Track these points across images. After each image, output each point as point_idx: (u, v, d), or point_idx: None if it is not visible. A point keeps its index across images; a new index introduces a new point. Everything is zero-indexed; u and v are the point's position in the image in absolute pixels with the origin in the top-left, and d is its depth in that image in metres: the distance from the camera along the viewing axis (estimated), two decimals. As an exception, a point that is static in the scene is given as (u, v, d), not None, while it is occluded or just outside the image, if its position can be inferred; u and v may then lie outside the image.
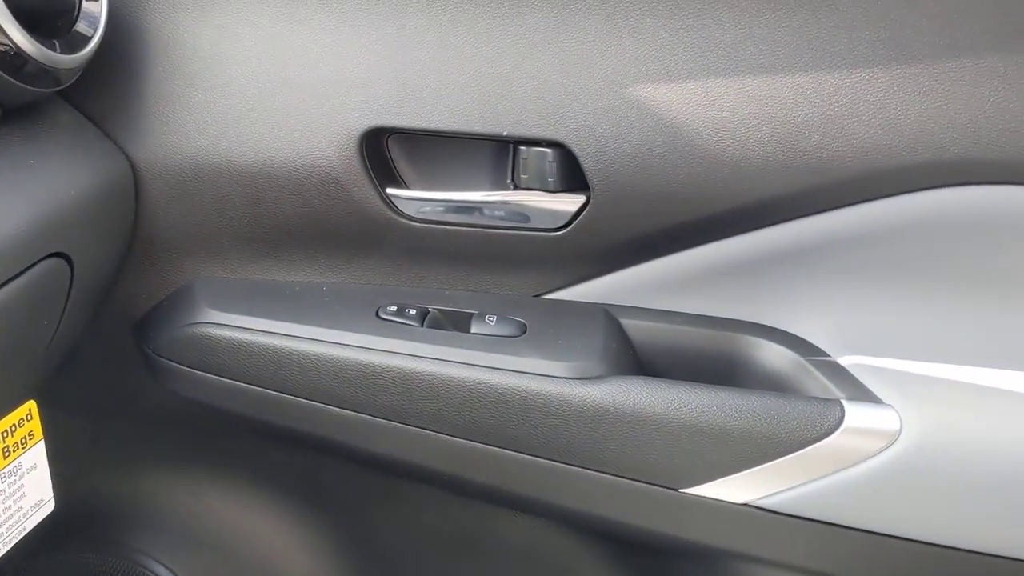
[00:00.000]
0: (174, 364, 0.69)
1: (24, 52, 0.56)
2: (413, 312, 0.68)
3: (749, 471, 0.61)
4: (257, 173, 0.67)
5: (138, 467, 0.88)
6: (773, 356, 0.66)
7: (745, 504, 0.62)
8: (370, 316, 0.68)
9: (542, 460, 0.65)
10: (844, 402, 0.60)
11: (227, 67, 0.66)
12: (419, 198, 0.69)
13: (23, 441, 0.53)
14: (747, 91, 0.62)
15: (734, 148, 0.63)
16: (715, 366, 0.68)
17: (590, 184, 0.65)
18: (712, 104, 0.62)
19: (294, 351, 0.66)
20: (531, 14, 0.64)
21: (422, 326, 0.67)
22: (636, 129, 0.63)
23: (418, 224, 0.68)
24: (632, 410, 0.62)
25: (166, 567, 0.89)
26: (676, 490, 0.63)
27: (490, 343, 0.66)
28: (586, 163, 0.64)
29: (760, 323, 0.69)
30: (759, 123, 0.62)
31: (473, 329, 0.67)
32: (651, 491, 0.63)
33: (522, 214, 0.68)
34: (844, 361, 0.65)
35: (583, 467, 0.64)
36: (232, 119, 0.66)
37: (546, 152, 0.66)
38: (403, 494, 0.82)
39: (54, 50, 0.58)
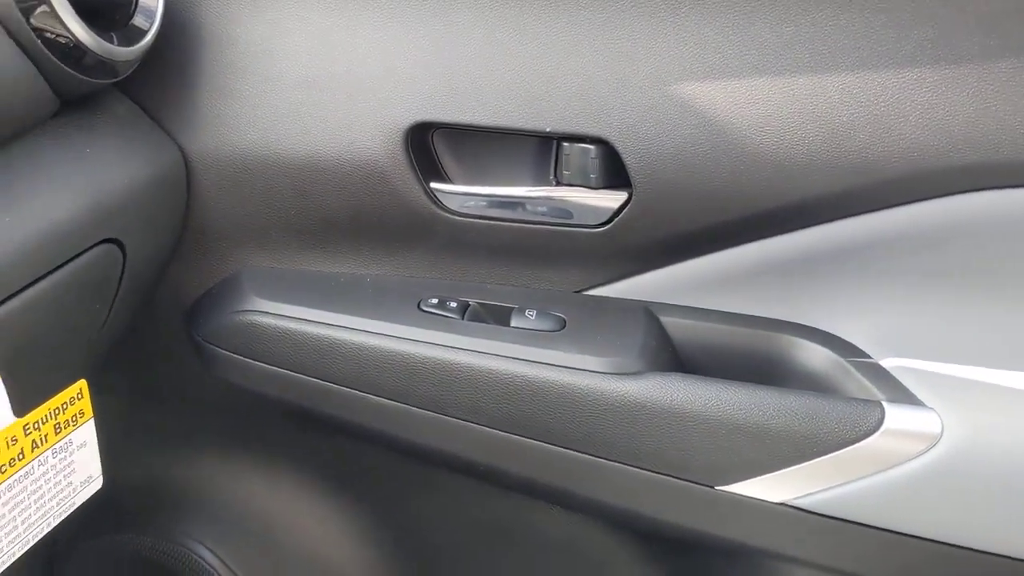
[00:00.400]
0: (221, 351, 0.71)
1: (83, 44, 0.57)
2: (454, 305, 0.69)
3: (787, 470, 0.61)
4: (305, 166, 0.68)
5: (185, 452, 0.90)
6: (813, 356, 0.66)
7: (782, 503, 0.62)
8: (412, 308, 0.69)
9: (579, 454, 0.65)
10: (884, 404, 0.60)
11: (278, 61, 0.67)
12: (462, 192, 0.69)
13: (74, 419, 0.54)
14: (792, 90, 0.62)
15: (778, 147, 0.62)
16: (755, 365, 0.67)
17: (632, 181, 0.65)
18: (756, 103, 0.62)
19: (337, 340, 0.67)
20: (577, 12, 0.65)
21: (463, 319, 0.68)
22: (679, 127, 0.63)
23: (461, 218, 0.69)
24: (669, 406, 0.62)
25: (211, 551, 0.90)
26: (712, 487, 0.63)
27: (529, 337, 0.66)
28: (629, 160, 0.64)
29: (801, 323, 0.68)
30: (804, 122, 0.62)
31: (513, 323, 0.68)
32: (687, 488, 0.63)
33: (564, 210, 0.68)
34: (886, 363, 0.64)
35: (619, 462, 0.64)
36: (281, 112, 0.67)
37: (589, 148, 0.66)
38: (442, 485, 0.82)
39: (112, 43, 0.60)
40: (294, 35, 0.68)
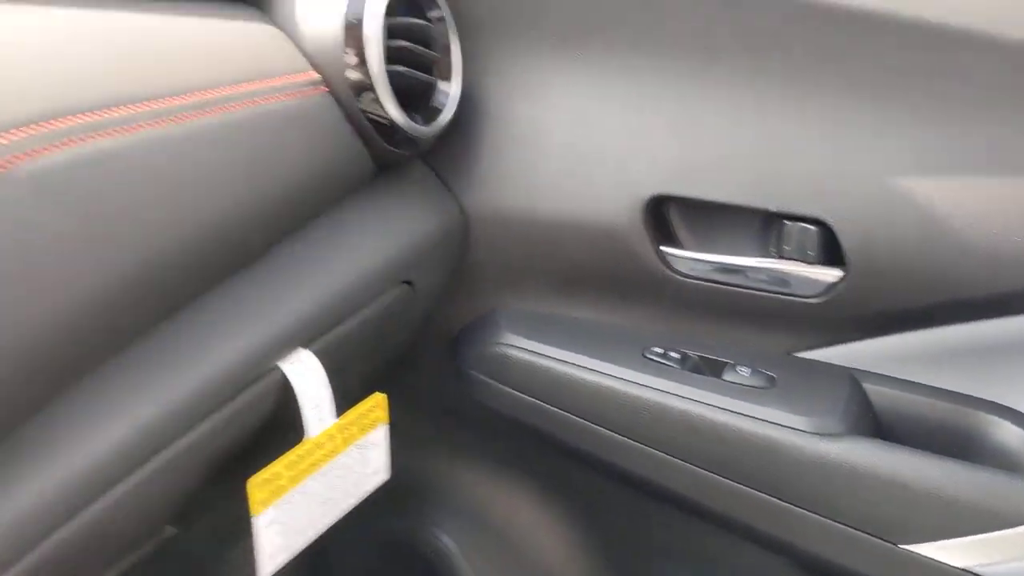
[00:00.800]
0: (478, 375, 0.84)
1: (397, 124, 0.72)
2: (675, 355, 0.77)
3: (971, 538, 0.64)
4: (558, 225, 0.79)
5: (441, 453, 1.03)
6: (1008, 435, 0.69)
7: (964, 569, 0.65)
8: (637, 355, 0.78)
9: (777, 500, 0.71)
10: None
11: (545, 138, 0.79)
12: (691, 257, 0.78)
13: (373, 422, 0.69)
14: (1007, 189, 0.66)
15: (991, 241, 0.67)
16: (951, 439, 0.71)
17: (847, 260, 0.71)
18: (972, 199, 0.67)
19: (574, 377, 0.78)
20: (806, 103, 0.72)
21: (682, 369, 0.76)
22: (896, 215, 0.69)
23: (687, 279, 0.78)
24: (865, 469, 0.67)
25: (452, 540, 1.03)
26: (896, 545, 0.67)
27: (741, 392, 0.73)
28: (846, 242, 0.70)
29: (999, 403, 0.71)
30: (1018, 219, 0.66)
31: (726, 377, 0.74)
32: (874, 543, 0.68)
33: (782, 280, 0.75)
34: None
35: (814, 512, 0.70)
36: (544, 179, 0.79)
37: (809, 228, 0.72)
38: (656, 515, 0.90)
39: (417, 123, 0.74)
40: (558, 115, 0.79)
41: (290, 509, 0.62)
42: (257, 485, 0.59)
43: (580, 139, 0.79)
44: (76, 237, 0.47)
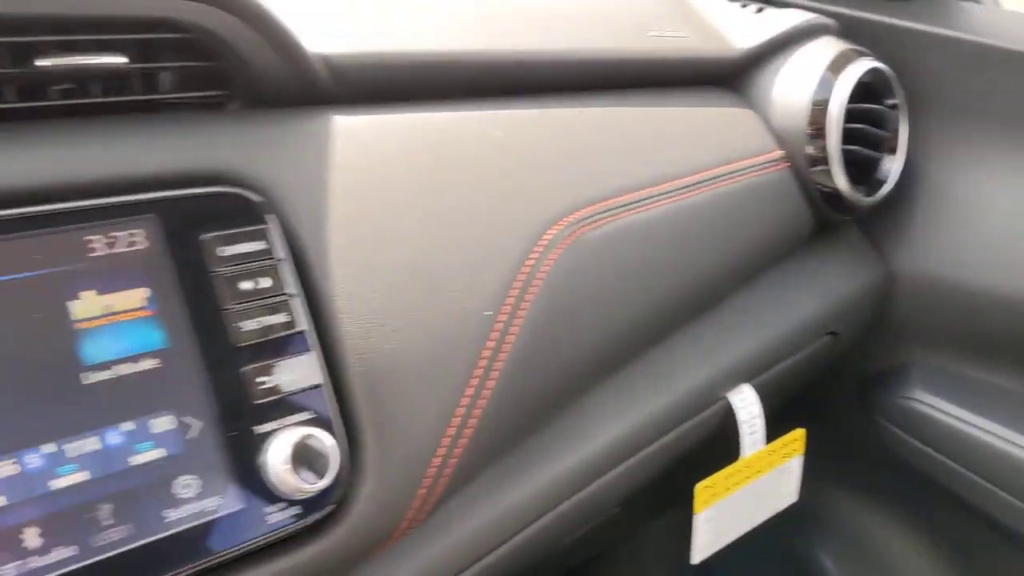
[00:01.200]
0: (885, 423, 0.92)
1: (842, 193, 0.82)
2: None
3: None
4: (985, 296, 0.85)
5: (834, 482, 1.10)
6: None
7: None
8: None
9: None
10: None
11: (981, 213, 0.85)
12: None
13: (792, 452, 0.81)
14: None
15: None
16: None
17: None
18: None
19: (983, 442, 0.83)
20: None
21: None
22: None
23: None
24: None
25: (833, 564, 1.11)
26: None
27: None
28: None
29: None
30: None
31: None
32: None
33: None
34: None
35: None
36: (976, 252, 0.85)
37: None
38: None
39: (860, 193, 0.83)
40: (997, 193, 0.84)
41: (721, 512, 0.76)
42: (701, 489, 0.73)
43: (1018, 219, 0.83)
44: (614, 285, 0.64)
